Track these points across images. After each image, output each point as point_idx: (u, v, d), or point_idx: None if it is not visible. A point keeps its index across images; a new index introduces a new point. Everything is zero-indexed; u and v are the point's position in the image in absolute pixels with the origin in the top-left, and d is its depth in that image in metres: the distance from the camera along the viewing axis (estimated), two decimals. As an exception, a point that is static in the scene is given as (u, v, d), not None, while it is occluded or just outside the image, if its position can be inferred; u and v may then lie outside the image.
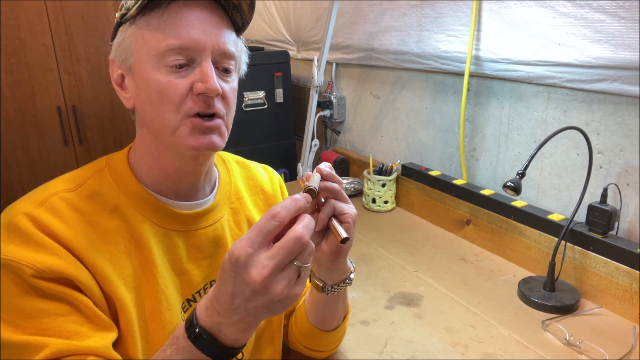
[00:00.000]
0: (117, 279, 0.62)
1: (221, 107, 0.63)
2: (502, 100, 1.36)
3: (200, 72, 0.60)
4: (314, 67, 1.88)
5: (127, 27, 0.62)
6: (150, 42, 0.60)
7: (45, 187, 0.64)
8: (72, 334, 0.57)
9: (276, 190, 0.86)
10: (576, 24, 1.09)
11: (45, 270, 0.56)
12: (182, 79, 0.60)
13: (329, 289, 0.73)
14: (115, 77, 0.66)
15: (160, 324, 0.66)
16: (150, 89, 0.61)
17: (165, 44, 0.59)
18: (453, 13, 1.41)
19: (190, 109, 0.61)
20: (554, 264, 1.09)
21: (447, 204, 1.46)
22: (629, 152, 1.08)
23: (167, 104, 0.61)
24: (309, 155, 2.02)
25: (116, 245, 0.63)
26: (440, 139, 1.60)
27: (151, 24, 0.60)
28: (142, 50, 0.61)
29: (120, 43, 0.63)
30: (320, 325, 0.81)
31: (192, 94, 0.61)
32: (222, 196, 0.76)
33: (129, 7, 0.61)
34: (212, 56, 0.62)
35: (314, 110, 1.95)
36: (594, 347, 0.93)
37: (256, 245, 0.48)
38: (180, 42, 0.59)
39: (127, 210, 0.66)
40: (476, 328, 1.01)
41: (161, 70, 0.60)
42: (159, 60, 0.60)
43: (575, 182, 1.20)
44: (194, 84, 0.60)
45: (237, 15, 0.65)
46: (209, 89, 0.60)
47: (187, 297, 0.71)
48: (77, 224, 0.61)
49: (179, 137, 0.62)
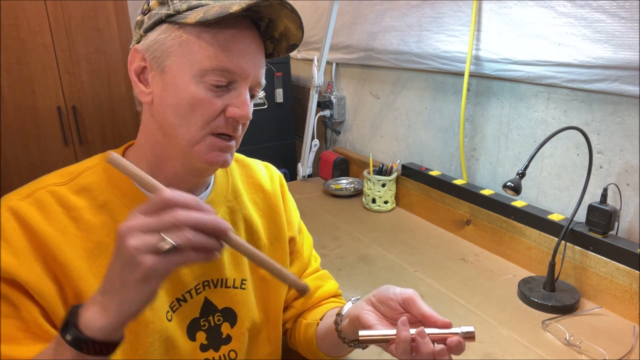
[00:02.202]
0: (91, 277, 0.62)
1: (240, 130, 0.66)
2: (502, 100, 1.36)
3: (237, 97, 0.63)
4: (314, 67, 1.88)
5: (173, 28, 0.61)
6: (197, 54, 0.60)
7: (38, 181, 0.65)
8: (7, 337, 0.57)
9: (276, 189, 0.85)
10: (576, 24, 1.09)
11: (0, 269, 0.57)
12: (218, 98, 0.62)
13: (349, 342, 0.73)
14: (135, 66, 0.65)
15: (142, 323, 0.65)
16: (182, 98, 0.61)
17: (214, 63, 0.60)
18: (453, 13, 1.41)
19: (217, 127, 0.63)
20: (554, 264, 1.09)
21: (447, 204, 1.46)
22: (629, 152, 1.08)
23: (197, 117, 0.62)
24: (309, 155, 2.02)
25: (97, 243, 0.63)
26: (440, 139, 1.60)
27: (203, 38, 0.60)
28: (186, 58, 0.61)
29: (158, 40, 0.62)
30: (328, 351, 0.82)
31: (223, 115, 0.63)
32: (217, 195, 0.76)
33: (179, 9, 0.61)
34: (250, 84, 0.64)
35: (314, 110, 1.95)
36: (594, 347, 0.93)
37: (140, 209, 0.49)
38: (230, 66, 0.61)
39: (116, 207, 0.66)
40: (476, 328, 1.00)
41: (200, 85, 0.61)
42: (201, 75, 0.61)
43: (575, 182, 1.20)
44: (228, 107, 0.62)
45: (269, 45, 0.68)
46: (243, 116, 0.63)
47: (176, 297, 0.70)
48: (59, 220, 0.62)
49: (198, 151, 0.63)
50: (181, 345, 0.70)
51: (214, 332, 0.75)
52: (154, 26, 0.63)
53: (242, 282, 0.77)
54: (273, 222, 0.82)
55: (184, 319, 0.71)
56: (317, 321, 0.83)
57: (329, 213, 1.64)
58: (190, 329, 0.72)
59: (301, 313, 0.87)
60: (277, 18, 0.63)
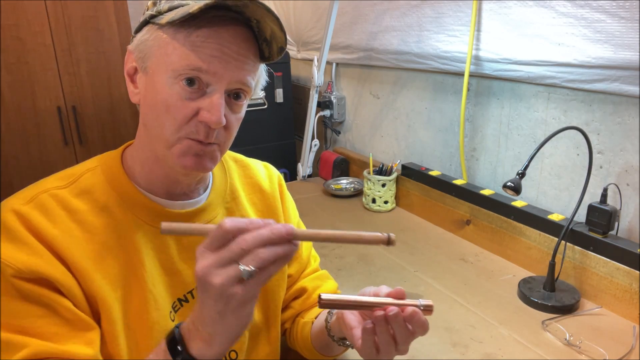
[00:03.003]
0: (100, 278, 0.62)
1: (220, 137, 0.64)
2: (502, 100, 1.36)
3: (209, 101, 0.60)
4: (314, 67, 1.88)
5: (154, 29, 0.61)
6: (171, 55, 0.60)
7: (38, 184, 0.65)
8: (53, 335, 0.58)
9: (275, 189, 0.85)
10: (576, 24, 1.09)
11: (25, 270, 0.57)
12: (191, 101, 0.60)
13: (337, 340, 0.74)
14: (128, 67, 0.66)
15: (147, 324, 0.66)
16: (158, 100, 0.61)
17: (185, 63, 0.59)
18: (453, 13, 1.41)
19: (190, 133, 0.61)
20: (554, 264, 1.09)
21: (447, 204, 1.46)
22: (629, 152, 1.08)
23: (171, 120, 0.61)
24: (309, 155, 2.02)
25: (102, 244, 0.63)
26: (440, 139, 1.60)
27: (178, 38, 0.59)
28: (162, 59, 0.61)
29: (143, 41, 0.62)
30: (321, 350, 0.82)
31: (196, 119, 0.61)
32: (216, 196, 0.76)
33: (160, 10, 0.61)
34: (227, 87, 0.62)
35: (314, 110, 1.95)
36: (594, 347, 0.93)
37: (205, 246, 0.51)
38: (201, 65, 0.59)
39: (117, 209, 0.66)
40: (476, 328, 1.01)
41: (174, 87, 0.60)
42: (174, 76, 0.60)
43: (575, 182, 1.20)
44: (200, 110, 0.60)
45: (265, 48, 0.65)
46: (213, 121, 0.60)
47: (178, 297, 0.71)
48: (63, 222, 0.62)
49: (172, 154, 0.62)
50: None
51: None
52: (141, 27, 0.64)
53: None
54: None
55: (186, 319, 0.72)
56: (313, 320, 0.83)
57: (329, 213, 1.64)
58: None
59: (299, 312, 0.88)
60: (260, 18, 0.61)
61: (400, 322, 0.57)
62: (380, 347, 0.59)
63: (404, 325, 0.58)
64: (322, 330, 0.76)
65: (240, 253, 0.49)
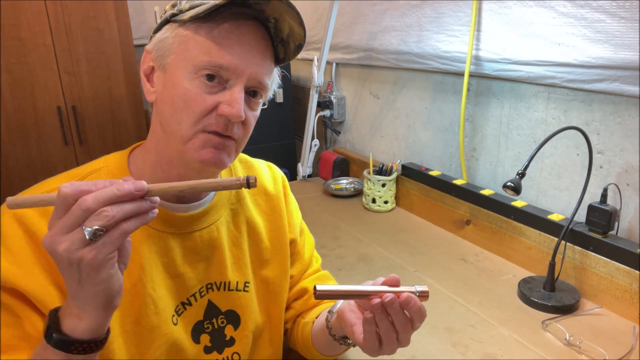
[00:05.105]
0: None
1: (238, 132, 0.64)
2: (502, 100, 1.36)
3: (230, 95, 0.61)
4: (314, 67, 1.88)
5: (175, 27, 0.62)
6: (193, 50, 0.60)
7: (42, 184, 0.64)
8: (7, 346, 0.57)
9: (279, 191, 0.85)
10: (576, 24, 1.09)
11: (3, 278, 0.57)
12: (210, 95, 0.61)
13: (339, 339, 0.73)
14: (145, 67, 0.66)
15: (147, 328, 0.65)
16: (177, 95, 0.61)
17: (207, 58, 0.60)
18: (453, 13, 1.41)
19: (208, 125, 0.61)
20: (554, 264, 1.09)
21: (447, 204, 1.46)
22: (629, 152, 1.08)
23: (189, 114, 0.61)
24: (309, 155, 2.02)
25: None
26: (440, 139, 1.60)
27: (200, 33, 0.60)
28: (182, 55, 0.61)
29: (162, 39, 0.63)
30: (321, 350, 0.82)
31: (215, 112, 0.61)
32: (221, 197, 0.75)
33: (182, 8, 0.62)
34: (246, 83, 0.62)
35: (314, 110, 1.95)
36: (594, 347, 0.93)
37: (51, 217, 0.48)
38: (222, 62, 0.60)
39: None
40: (476, 328, 1.01)
41: (193, 82, 0.61)
42: (195, 71, 0.60)
43: (575, 182, 1.20)
44: (220, 104, 0.61)
45: (281, 49, 0.66)
46: (233, 115, 0.60)
47: (181, 300, 0.70)
48: None
49: (189, 148, 0.62)
50: (186, 348, 0.70)
51: (218, 335, 0.75)
52: (161, 27, 0.64)
53: (245, 285, 0.77)
54: (275, 224, 0.82)
55: (189, 322, 0.72)
56: (314, 320, 0.83)
57: (329, 213, 1.64)
58: (194, 332, 0.72)
59: (300, 313, 0.88)
60: (279, 16, 0.62)
61: (397, 308, 0.58)
62: (382, 337, 0.59)
63: (401, 312, 0.58)
64: (323, 329, 0.75)
65: (82, 215, 0.46)
